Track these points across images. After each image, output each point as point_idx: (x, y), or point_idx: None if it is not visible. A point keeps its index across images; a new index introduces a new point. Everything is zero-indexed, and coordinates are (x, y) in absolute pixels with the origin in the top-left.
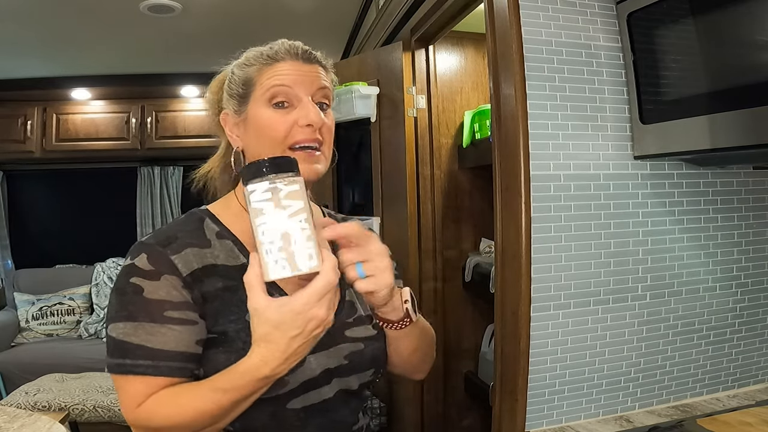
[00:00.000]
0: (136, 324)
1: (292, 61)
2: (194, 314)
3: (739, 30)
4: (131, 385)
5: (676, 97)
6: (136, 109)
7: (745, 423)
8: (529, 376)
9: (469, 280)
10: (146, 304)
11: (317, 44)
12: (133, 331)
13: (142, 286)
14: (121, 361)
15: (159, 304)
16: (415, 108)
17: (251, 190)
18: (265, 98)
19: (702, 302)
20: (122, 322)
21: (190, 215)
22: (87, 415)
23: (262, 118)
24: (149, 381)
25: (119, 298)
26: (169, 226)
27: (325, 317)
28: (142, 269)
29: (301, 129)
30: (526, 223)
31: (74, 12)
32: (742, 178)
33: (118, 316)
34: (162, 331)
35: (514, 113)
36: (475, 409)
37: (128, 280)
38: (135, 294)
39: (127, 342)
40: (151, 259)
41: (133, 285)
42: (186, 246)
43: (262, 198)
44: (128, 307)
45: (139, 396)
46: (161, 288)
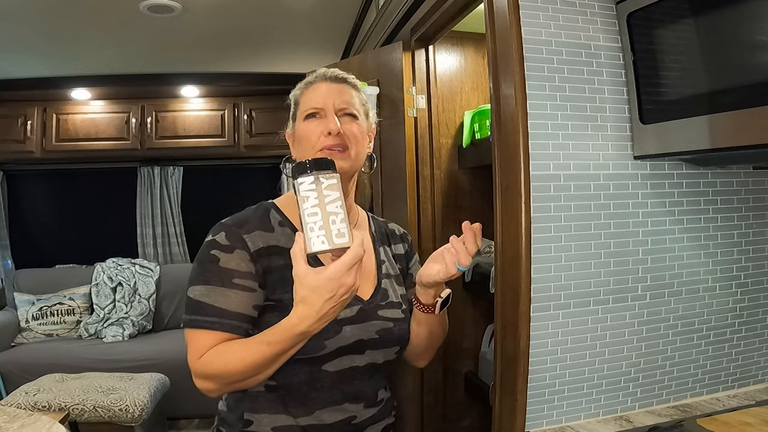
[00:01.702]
0: (210, 287)
1: (323, 83)
2: (255, 283)
3: (739, 30)
4: (199, 338)
5: (676, 97)
6: (136, 109)
7: (745, 423)
8: (529, 376)
9: (469, 280)
10: (220, 271)
11: (317, 44)
12: (207, 293)
13: (219, 256)
14: (195, 317)
15: (229, 273)
16: (415, 108)
17: (300, 182)
18: (303, 114)
19: (702, 302)
20: (199, 285)
21: (259, 206)
22: (87, 415)
23: (301, 130)
24: (214, 335)
25: (200, 266)
26: (243, 212)
27: (353, 284)
28: (220, 243)
29: (325, 137)
30: (526, 223)
31: (74, 12)
32: (742, 178)
33: (197, 279)
34: (228, 294)
35: (514, 113)
36: (475, 409)
37: (209, 251)
38: (212, 263)
39: (201, 301)
40: (228, 236)
41: (212, 255)
42: (255, 228)
43: (308, 188)
44: (206, 273)
45: (204, 347)
46: (233, 259)
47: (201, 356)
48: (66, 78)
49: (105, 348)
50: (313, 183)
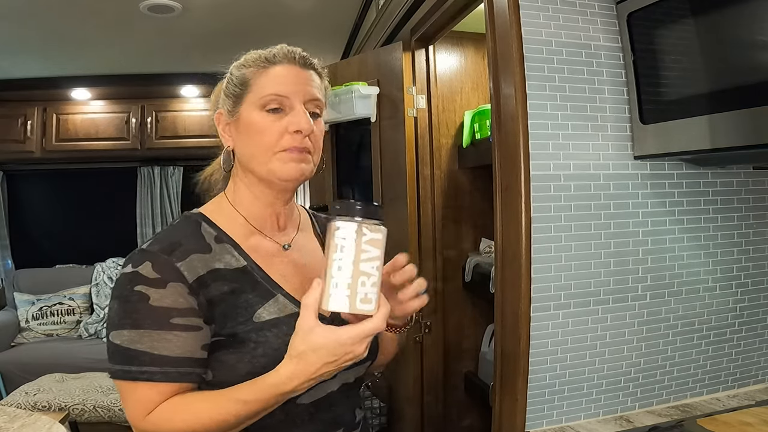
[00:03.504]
0: (141, 331)
1: (288, 65)
2: (199, 320)
3: (739, 30)
4: (139, 391)
5: (676, 97)
6: (136, 109)
7: (745, 423)
8: (529, 376)
9: (469, 280)
10: (152, 311)
11: (317, 44)
12: (138, 338)
13: (148, 294)
14: (127, 368)
15: (165, 312)
16: (415, 108)
17: (338, 227)
18: (259, 102)
19: (702, 302)
20: (127, 330)
21: (186, 219)
22: (87, 415)
23: (254, 122)
24: (159, 387)
25: (123, 306)
26: (168, 232)
27: (361, 354)
28: (147, 277)
29: (290, 135)
30: (526, 223)
31: (74, 12)
32: (742, 178)
33: (122, 323)
34: (168, 337)
35: (514, 113)
36: (475, 409)
37: (132, 288)
38: (140, 302)
39: (132, 349)
40: (156, 267)
41: (138, 293)
42: (190, 252)
43: (346, 236)
44: (132, 315)
45: (148, 403)
46: (167, 296)
47: (148, 413)
48: (66, 78)
49: (105, 348)
50: (354, 232)
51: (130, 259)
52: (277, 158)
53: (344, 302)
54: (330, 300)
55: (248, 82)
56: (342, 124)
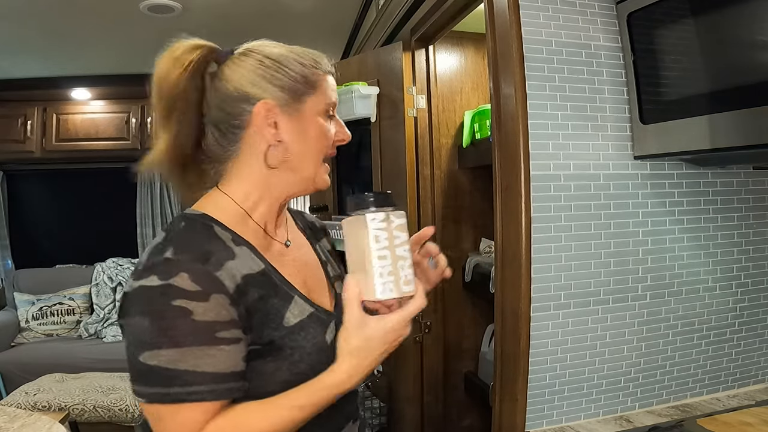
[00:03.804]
0: (183, 350)
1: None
2: (239, 331)
3: (739, 30)
4: (183, 413)
5: (676, 97)
6: (136, 109)
7: (745, 423)
8: (529, 376)
9: (469, 280)
10: (196, 327)
11: (317, 44)
12: (180, 357)
13: (189, 308)
14: (167, 390)
15: (210, 326)
16: (415, 108)
17: (372, 219)
18: (325, 108)
19: (702, 302)
20: (165, 349)
21: (192, 222)
22: (87, 415)
23: (320, 126)
24: (206, 407)
25: (157, 323)
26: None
27: (408, 335)
28: (186, 290)
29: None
30: (526, 223)
31: (74, 12)
32: (742, 178)
33: (157, 342)
34: (212, 353)
35: (514, 113)
36: (475, 409)
37: (169, 302)
38: (180, 317)
39: (172, 369)
40: (195, 278)
41: (177, 308)
42: (223, 260)
43: (379, 227)
44: (170, 332)
45: (195, 424)
46: (211, 309)
47: None
48: (66, 78)
49: (105, 348)
50: (384, 221)
51: (151, 270)
52: (323, 167)
53: (391, 289)
54: (378, 289)
55: (315, 84)
56: None
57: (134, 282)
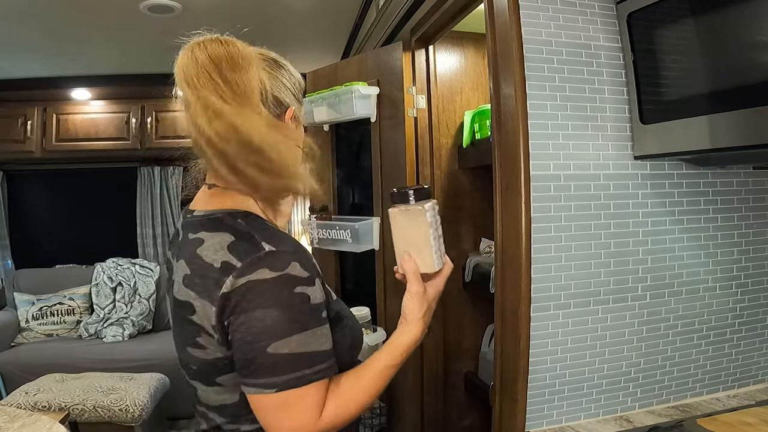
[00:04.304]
0: (310, 332)
1: None
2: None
3: (739, 30)
4: (311, 393)
5: (676, 97)
6: (136, 109)
7: (745, 423)
8: (529, 376)
9: (469, 280)
10: (314, 310)
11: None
12: (307, 340)
13: (307, 293)
14: (300, 374)
15: (319, 308)
16: (415, 108)
17: (428, 209)
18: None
19: (702, 302)
20: (296, 335)
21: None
22: (87, 415)
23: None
24: (325, 384)
25: (287, 312)
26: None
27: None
28: (300, 277)
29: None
30: (526, 223)
31: (74, 12)
32: (742, 178)
33: (289, 330)
34: (324, 332)
35: (514, 113)
36: (475, 409)
37: (292, 290)
38: (303, 303)
39: (304, 352)
40: (304, 266)
41: (299, 294)
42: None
43: (433, 214)
44: (301, 318)
45: (321, 400)
46: (318, 291)
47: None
48: (66, 78)
49: (105, 348)
50: (433, 209)
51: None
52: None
53: (440, 261)
54: (436, 263)
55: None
56: (342, 124)
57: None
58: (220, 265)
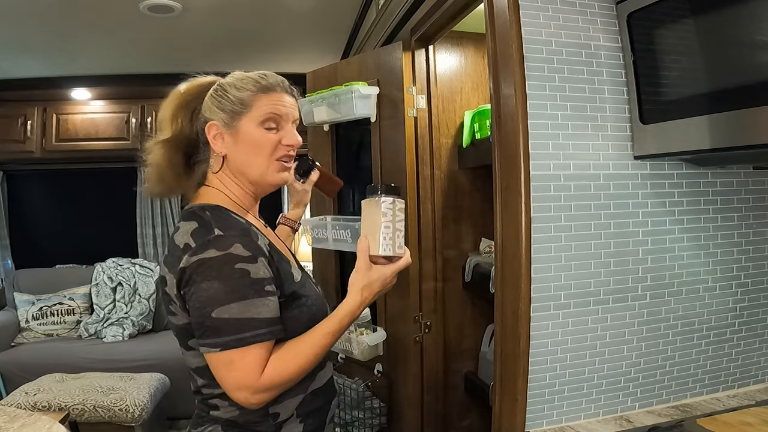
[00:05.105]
0: (249, 301)
1: (281, 93)
2: (274, 286)
3: (739, 30)
4: (251, 354)
5: (676, 97)
6: (136, 109)
7: (745, 423)
8: (529, 376)
9: (469, 280)
10: (254, 283)
11: (317, 44)
12: (246, 308)
13: (248, 269)
14: (242, 336)
15: (261, 282)
16: (415, 108)
17: (383, 200)
18: (259, 120)
19: (702, 302)
20: (235, 303)
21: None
22: (87, 415)
23: (254, 136)
24: (266, 346)
25: (226, 283)
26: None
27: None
28: (242, 256)
29: (283, 147)
30: (526, 223)
31: (74, 12)
32: (742, 178)
33: (229, 298)
34: (266, 302)
35: (514, 113)
36: (475, 409)
37: (233, 266)
38: (243, 277)
39: (243, 318)
40: (246, 246)
41: (239, 270)
42: (256, 236)
43: (389, 207)
44: (240, 290)
45: (262, 361)
46: (260, 268)
47: (262, 371)
48: (66, 78)
49: (105, 348)
50: (392, 204)
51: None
52: (272, 167)
53: (389, 248)
54: (380, 246)
55: (248, 103)
56: (342, 124)
57: (191, 258)
58: (183, 246)
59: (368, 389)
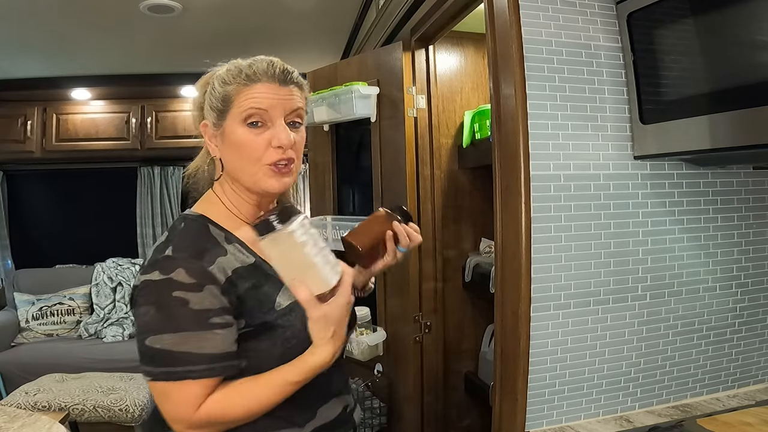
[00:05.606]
0: (184, 334)
1: (269, 83)
2: (230, 317)
3: (739, 30)
4: (185, 389)
5: (676, 97)
6: (136, 109)
7: (745, 423)
8: (529, 376)
9: (469, 280)
10: (193, 315)
11: (317, 44)
12: (181, 341)
13: (187, 298)
14: (172, 369)
15: (204, 314)
16: (415, 108)
17: (292, 230)
18: (241, 117)
19: (702, 302)
20: (168, 334)
21: (191, 222)
22: (87, 415)
23: (238, 136)
24: (206, 383)
25: (161, 312)
26: (183, 237)
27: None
28: (183, 283)
29: (273, 150)
30: (526, 223)
31: (74, 12)
32: (742, 178)
33: (161, 328)
34: (209, 336)
35: (514, 113)
36: (475, 409)
37: (170, 293)
38: (180, 306)
39: (175, 351)
40: (191, 273)
41: (176, 298)
42: (216, 256)
43: (302, 234)
44: (174, 320)
45: (196, 398)
46: (205, 298)
47: (199, 406)
48: (66, 78)
49: (105, 348)
50: (302, 227)
51: (154, 266)
52: (262, 172)
53: (332, 275)
54: (324, 280)
55: (230, 99)
56: (342, 124)
57: (141, 276)
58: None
59: (368, 389)
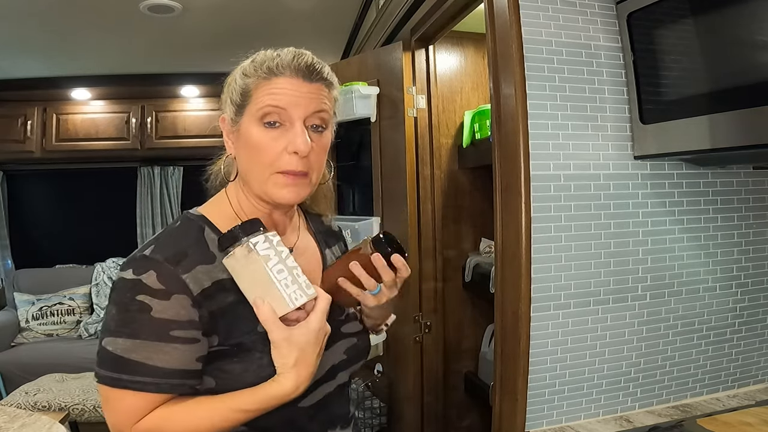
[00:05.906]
0: (138, 342)
1: (291, 78)
2: (198, 332)
3: (739, 30)
4: (128, 400)
5: (676, 97)
6: (136, 109)
7: (745, 423)
8: (529, 376)
9: (469, 280)
10: (152, 323)
11: (317, 44)
12: (134, 348)
13: (150, 305)
14: (117, 376)
15: (166, 324)
16: (415, 108)
17: (254, 242)
18: (257, 115)
19: (702, 302)
20: (122, 338)
21: (188, 223)
22: (87, 415)
23: (251, 136)
24: (148, 397)
25: (121, 314)
26: (171, 236)
27: (328, 329)
28: (150, 287)
29: (288, 156)
30: (526, 223)
31: (74, 12)
32: (742, 178)
33: (118, 331)
34: (166, 350)
35: (514, 113)
36: (475, 409)
37: (134, 296)
38: (141, 312)
39: (125, 357)
40: (161, 278)
41: (139, 302)
42: (196, 263)
43: (265, 247)
44: (131, 325)
45: (138, 411)
46: (170, 308)
47: (138, 421)
48: (66, 78)
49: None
50: (266, 242)
51: (130, 264)
52: (273, 180)
53: (299, 294)
54: (292, 299)
55: (249, 93)
56: (342, 124)
57: (119, 272)
58: None
59: (368, 389)
